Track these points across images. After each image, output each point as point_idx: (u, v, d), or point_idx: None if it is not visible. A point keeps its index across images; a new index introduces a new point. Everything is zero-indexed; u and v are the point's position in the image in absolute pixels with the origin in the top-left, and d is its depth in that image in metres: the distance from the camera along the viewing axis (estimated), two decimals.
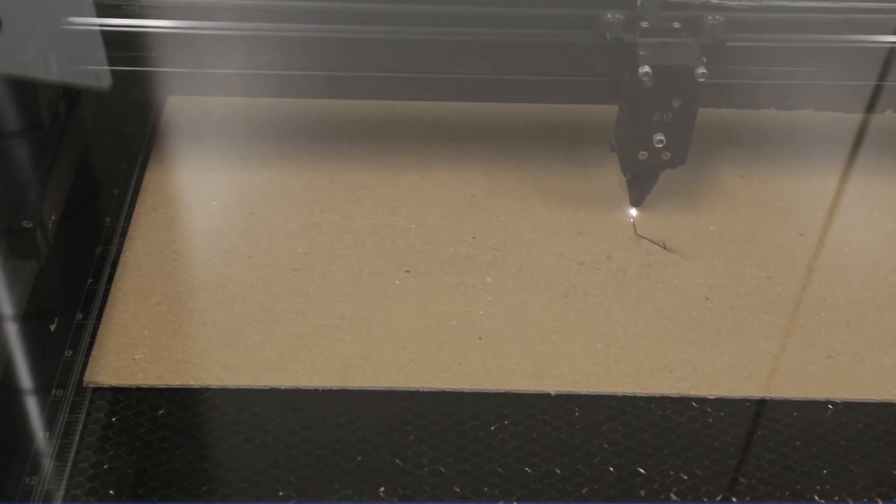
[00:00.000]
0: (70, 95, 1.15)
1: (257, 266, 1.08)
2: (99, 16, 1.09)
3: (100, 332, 1.01)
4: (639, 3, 1.08)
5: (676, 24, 1.07)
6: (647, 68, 1.03)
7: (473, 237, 1.12)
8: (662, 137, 1.07)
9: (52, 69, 1.08)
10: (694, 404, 0.97)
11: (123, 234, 1.11)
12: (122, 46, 1.10)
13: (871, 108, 1.21)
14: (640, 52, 1.05)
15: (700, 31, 1.07)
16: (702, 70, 1.03)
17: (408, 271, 1.08)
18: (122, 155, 1.21)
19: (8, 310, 1.02)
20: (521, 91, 1.16)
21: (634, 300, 1.06)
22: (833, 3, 1.11)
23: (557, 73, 1.12)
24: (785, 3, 1.11)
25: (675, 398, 0.97)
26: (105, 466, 0.91)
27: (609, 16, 1.08)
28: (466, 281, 1.07)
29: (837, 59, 1.12)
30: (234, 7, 1.10)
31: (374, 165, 1.19)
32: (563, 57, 1.11)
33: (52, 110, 1.12)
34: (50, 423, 0.94)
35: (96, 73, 1.10)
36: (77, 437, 0.93)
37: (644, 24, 1.06)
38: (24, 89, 1.07)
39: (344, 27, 1.10)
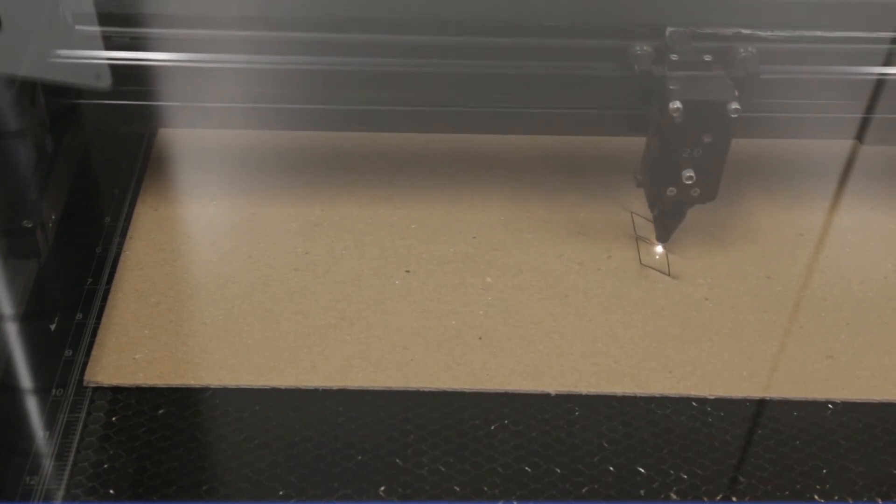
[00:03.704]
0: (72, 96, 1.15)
1: (257, 266, 1.08)
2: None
3: (100, 332, 1.01)
4: (667, 34, 1.04)
5: (707, 57, 1.02)
6: (677, 103, 0.98)
7: (473, 237, 1.12)
8: (692, 174, 1.02)
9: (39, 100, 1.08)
10: (694, 404, 0.97)
11: (123, 233, 1.11)
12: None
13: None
14: (671, 87, 1.00)
15: (732, 63, 1.04)
16: (735, 105, 0.99)
17: (408, 271, 1.08)
18: (121, 154, 1.21)
19: (8, 310, 1.01)
20: (546, 123, 1.14)
21: (634, 300, 1.06)
22: (865, 34, 1.07)
23: (585, 105, 1.10)
24: (818, 34, 1.07)
25: (675, 398, 0.97)
26: (105, 466, 0.91)
27: (637, 48, 1.04)
28: (466, 281, 1.07)
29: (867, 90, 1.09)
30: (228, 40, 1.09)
31: (371, 176, 1.19)
32: (590, 89, 1.08)
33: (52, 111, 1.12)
34: (50, 422, 0.94)
35: (96, 73, 1.10)
36: (77, 437, 0.93)
37: (674, 57, 1.02)
38: (25, 89, 1.07)
39: (357, 60, 1.08)
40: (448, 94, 1.10)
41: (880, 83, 1.09)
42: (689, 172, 1.03)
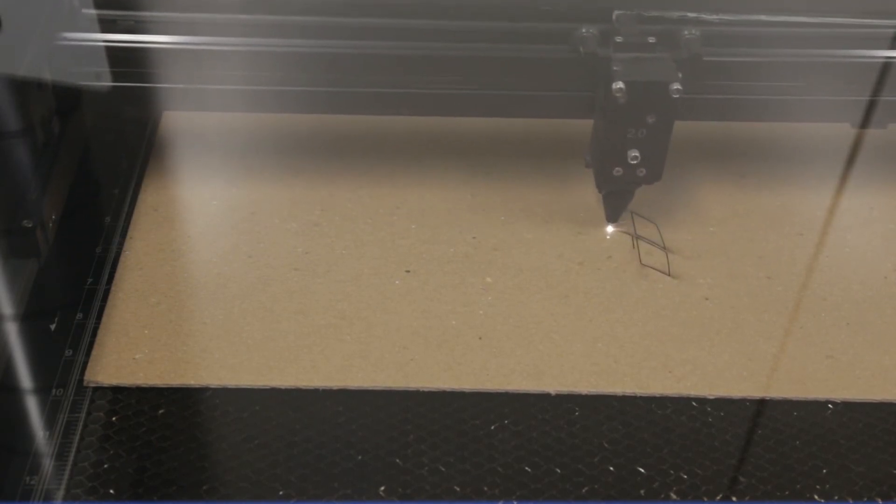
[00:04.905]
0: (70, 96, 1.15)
1: (257, 266, 1.08)
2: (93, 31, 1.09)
3: (100, 332, 1.01)
4: (614, 17, 1.06)
5: (651, 39, 1.05)
6: (620, 84, 1.02)
7: (473, 237, 1.12)
8: (637, 153, 1.05)
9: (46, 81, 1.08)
10: (694, 404, 0.97)
11: (123, 233, 1.11)
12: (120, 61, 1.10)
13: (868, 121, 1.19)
14: (615, 68, 1.03)
15: (676, 45, 1.06)
16: (677, 86, 1.02)
17: (408, 271, 1.08)
18: (122, 153, 1.21)
19: (8, 310, 1.01)
20: (495, 106, 1.14)
21: (634, 300, 1.06)
22: (808, 18, 1.10)
23: (532, 88, 1.11)
24: (761, 18, 1.10)
25: (675, 398, 0.97)
26: (105, 466, 0.91)
27: (584, 30, 1.07)
28: (466, 281, 1.07)
29: (815, 73, 1.11)
30: (230, 23, 1.09)
31: (370, 176, 1.19)
32: (537, 72, 1.09)
33: (52, 111, 1.12)
34: (50, 422, 0.94)
35: (96, 73, 1.10)
36: (77, 437, 0.93)
37: (618, 39, 1.05)
38: (25, 89, 1.07)
39: (327, 42, 1.09)
40: (401, 76, 1.11)
41: (839, 65, 1.11)
42: (634, 152, 1.05)
